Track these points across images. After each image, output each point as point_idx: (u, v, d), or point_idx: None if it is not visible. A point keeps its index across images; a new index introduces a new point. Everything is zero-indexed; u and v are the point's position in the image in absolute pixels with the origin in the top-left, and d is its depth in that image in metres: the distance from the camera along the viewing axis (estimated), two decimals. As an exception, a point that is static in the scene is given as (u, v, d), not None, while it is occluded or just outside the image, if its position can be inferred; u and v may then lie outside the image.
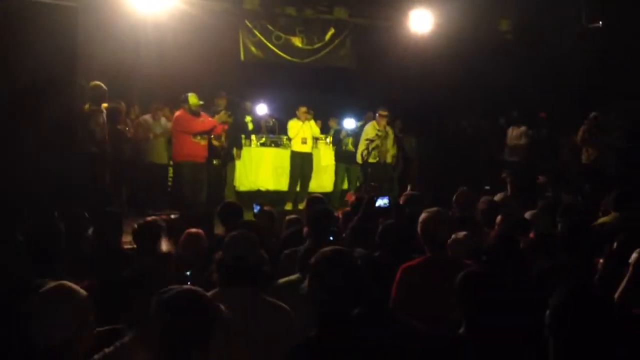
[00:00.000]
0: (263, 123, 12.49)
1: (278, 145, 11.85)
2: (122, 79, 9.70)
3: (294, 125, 10.64)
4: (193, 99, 8.70)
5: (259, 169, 11.60)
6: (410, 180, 11.26)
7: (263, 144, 11.87)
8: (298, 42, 12.70)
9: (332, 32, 12.89)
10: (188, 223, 5.42)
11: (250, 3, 11.90)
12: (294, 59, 12.66)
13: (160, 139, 9.82)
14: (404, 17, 11.73)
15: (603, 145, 10.17)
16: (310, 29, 12.75)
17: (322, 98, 11.91)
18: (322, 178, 11.81)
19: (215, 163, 9.58)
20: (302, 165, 10.72)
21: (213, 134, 9.13)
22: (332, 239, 4.31)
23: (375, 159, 10.33)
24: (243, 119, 11.12)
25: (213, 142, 9.28)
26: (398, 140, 11.17)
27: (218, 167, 9.74)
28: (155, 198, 9.37)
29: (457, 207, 6.26)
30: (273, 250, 4.56)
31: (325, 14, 12.64)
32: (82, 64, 6.98)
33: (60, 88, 6.43)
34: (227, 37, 12.09)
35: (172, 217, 6.92)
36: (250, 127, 11.64)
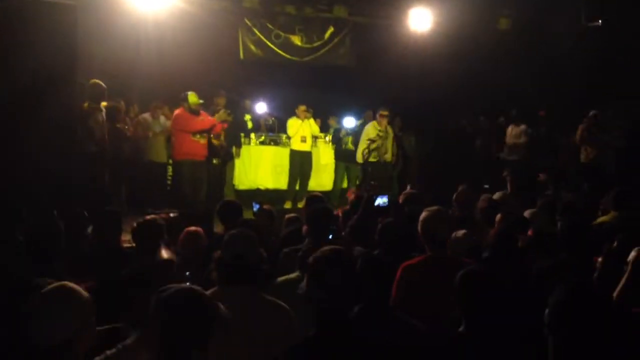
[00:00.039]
0: (262, 121, 12.47)
1: (277, 144, 11.83)
2: (121, 78, 9.69)
3: (294, 124, 10.63)
4: (192, 98, 8.70)
5: (258, 168, 11.58)
6: (410, 179, 11.25)
7: (262, 143, 11.85)
8: (297, 40, 12.69)
9: (331, 30, 12.88)
10: (187, 222, 5.43)
11: (250, 1, 11.88)
12: (294, 58, 12.66)
13: (160, 138, 9.83)
14: (404, 15, 11.72)
15: (602, 144, 10.17)
16: (310, 28, 12.74)
17: (321, 96, 11.89)
18: (321, 177, 11.81)
19: (215, 162, 9.58)
20: (301, 164, 10.71)
21: (212, 133, 9.12)
22: (331, 238, 4.32)
23: (376, 159, 10.33)
24: (242, 118, 11.11)
25: (213, 141, 9.28)
26: (397, 139, 11.16)
27: (218, 166, 9.74)
28: (155, 197, 9.37)
29: (457, 205, 6.26)
30: (272, 249, 4.56)
31: (325, 13, 12.62)
32: (81, 63, 6.97)
33: (60, 87, 6.42)
34: (226, 35, 12.08)
35: (171, 215, 6.93)
36: (250, 125, 11.62)
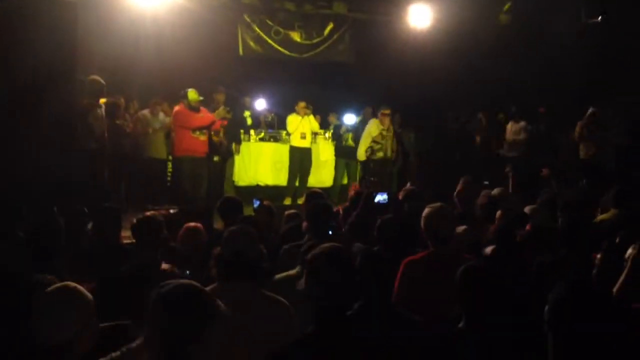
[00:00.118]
0: (262, 118, 12.44)
1: (277, 140, 11.82)
2: (121, 74, 9.69)
3: (293, 120, 10.62)
4: (192, 95, 8.70)
5: (258, 164, 11.58)
6: (410, 176, 11.25)
7: (262, 139, 11.83)
8: (297, 36, 12.68)
9: (331, 26, 12.86)
10: (187, 218, 5.43)
11: (249, -3, 11.90)
12: (293, 54, 12.65)
13: (159, 134, 9.81)
14: (403, 12, 11.69)
15: (601, 142, 10.16)
16: (309, 24, 12.73)
17: (321, 93, 11.88)
18: (321, 173, 11.80)
19: (216, 160, 9.58)
20: (301, 160, 10.70)
21: (212, 130, 9.12)
22: (331, 234, 4.32)
23: (378, 156, 10.34)
24: (242, 114, 11.10)
25: (213, 138, 9.28)
26: (397, 136, 11.16)
27: (218, 162, 9.74)
28: (154, 193, 9.37)
29: (458, 201, 6.26)
30: (272, 245, 4.56)
31: (324, 9, 12.60)
32: (81, 59, 6.97)
33: (60, 84, 6.42)
34: (225, 31, 12.07)
35: (171, 212, 6.93)
36: (249, 122, 11.59)
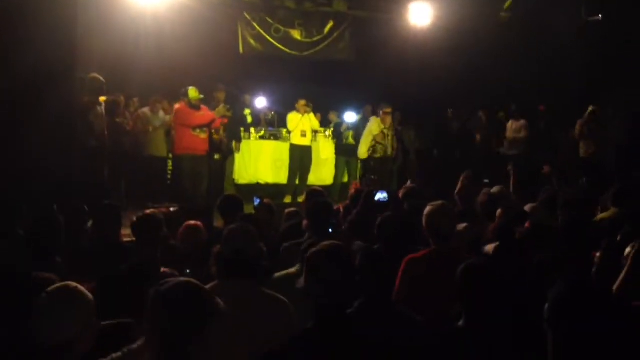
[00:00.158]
0: (262, 116, 12.43)
1: (277, 138, 11.82)
2: (121, 72, 9.68)
3: (293, 118, 10.62)
4: (193, 93, 8.70)
5: (258, 162, 11.57)
6: (410, 174, 11.25)
7: (262, 137, 11.83)
8: (297, 34, 12.66)
9: (331, 24, 12.84)
10: (187, 216, 5.42)
11: (249, -5, 11.89)
12: (293, 52, 12.63)
13: (159, 132, 9.81)
14: (404, 9, 11.69)
15: (602, 140, 10.15)
16: (310, 22, 12.71)
17: (321, 91, 11.85)
18: (321, 171, 11.80)
19: (217, 158, 9.58)
20: (301, 158, 10.70)
21: (212, 128, 9.12)
22: (331, 232, 4.31)
23: (379, 155, 10.34)
24: (242, 112, 11.09)
25: (213, 136, 9.28)
26: (397, 134, 11.16)
27: (219, 161, 9.74)
28: (154, 191, 9.36)
29: (459, 199, 6.26)
30: (272, 244, 4.55)
31: (325, 7, 12.59)
32: (81, 57, 6.97)
33: (60, 83, 6.41)
34: (225, 29, 12.05)
35: (171, 210, 6.93)
36: (250, 120, 11.58)
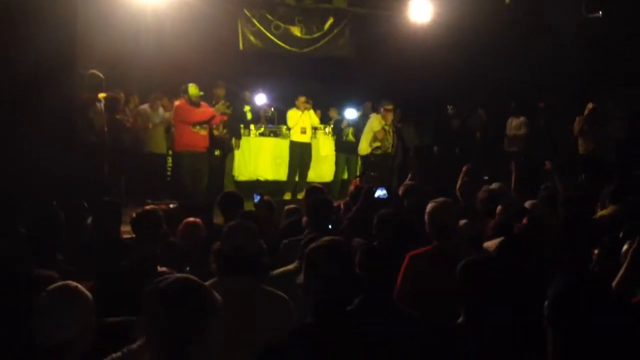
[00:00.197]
0: (262, 113, 12.44)
1: (277, 135, 11.82)
2: (120, 68, 9.67)
3: (293, 115, 10.62)
4: (193, 90, 8.70)
5: (258, 159, 11.57)
6: (410, 170, 11.23)
7: (262, 134, 11.84)
8: (297, 31, 12.62)
9: (331, 21, 12.81)
10: (187, 213, 5.43)
11: (249, -8, 11.87)
12: (293, 49, 12.60)
13: (159, 129, 9.82)
14: (404, 6, 11.66)
15: (601, 136, 10.15)
16: (310, 19, 12.67)
17: (321, 88, 11.85)
18: (321, 168, 11.80)
19: (217, 154, 9.58)
20: (301, 155, 10.70)
21: (212, 124, 9.12)
22: (331, 229, 4.31)
23: (380, 151, 10.33)
24: (242, 109, 11.09)
25: (214, 132, 9.29)
26: (397, 130, 11.15)
27: (219, 157, 9.74)
28: (154, 188, 9.37)
29: (460, 195, 6.25)
30: (272, 240, 4.56)
31: (325, 3, 12.57)
32: (81, 54, 6.95)
33: (61, 79, 6.40)
34: (225, 26, 12.02)
35: (171, 206, 6.93)
36: (249, 117, 11.58)
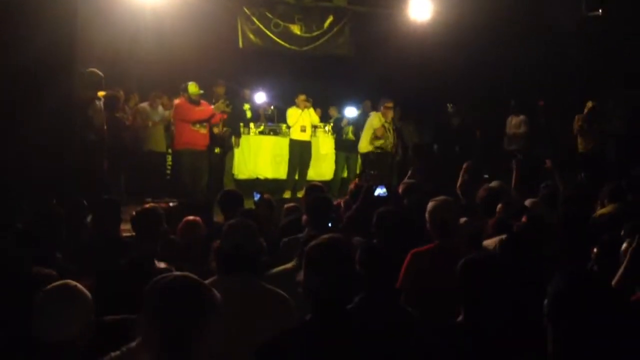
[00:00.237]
0: (262, 111, 12.44)
1: (277, 134, 11.81)
2: (120, 67, 9.68)
3: (293, 113, 10.61)
4: (193, 88, 8.71)
5: (258, 157, 11.57)
6: (411, 168, 11.22)
7: (262, 132, 11.83)
8: (297, 29, 12.62)
9: (330, 19, 12.80)
10: (187, 211, 5.42)
11: (249, -10, 11.86)
12: (293, 47, 12.59)
13: (159, 127, 9.81)
14: (404, 4, 11.65)
15: (600, 135, 10.15)
16: (309, 17, 12.66)
17: (320, 86, 11.85)
18: (321, 166, 11.80)
19: (217, 151, 9.59)
20: (301, 154, 10.69)
21: (212, 122, 9.12)
22: (330, 227, 4.31)
23: (380, 150, 10.33)
24: (241, 107, 11.09)
25: (214, 129, 9.29)
26: (397, 129, 11.14)
27: (219, 155, 9.75)
28: (154, 186, 9.37)
29: (461, 193, 6.25)
30: (272, 239, 4.56)
31: (324, 2, 12.56)
32: (80, 52, 6.95)
33: (60, 78, 6.40)
34: (225, 24, 12.01)
35: (170, 205, 6.94)
36: (249, 115, 11.58)
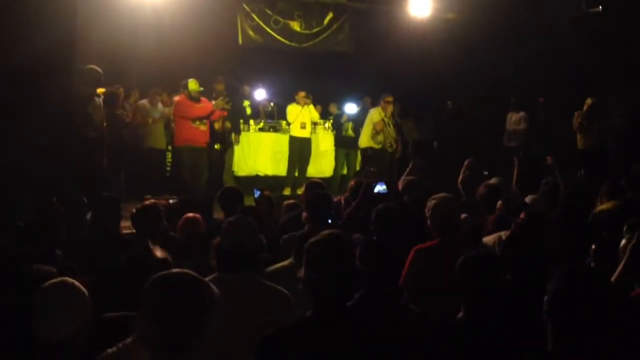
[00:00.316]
0: (261, 108, 12.42)
1: (277, 130, 11.80)
2: (119, 63, 9.66)
3: (293, 110, 10.60)
4: (193, 85, 8.70)
5: (258, 154, 11.56)
6: (412, 163, 11.22)
7: (261, 129, 11.82)
8: (296, 26, 12.58)
9: (330, 16, 12.77)
10: (187, 208, 5.42)
11: (248, -14, 11.83)
12: (293, 44, 12.55)
13: (158, 124, 9.81)
14: (404, 1, 11.63)
15: (600, 132, 10.14)
16: (309, 13, 12.63)
17: (320, 83, 11.84)
18: (320, 163, 11.79)
19: (217, 148, 9.59)
20: (300, 150, 10.68)
21: (212, 119, 9.12)
22: (330, 223, 4.31)
23: (379, 145, 10.32)
24: (241, 104, 11.08)
25: (215, 125, 9.29)
26: (397, 125, 11.14)
27: (219, 151, 9.74)
28: (154, 183, 9.38)
29: (462, 189, 6.25)
30: (272, 236, 4.56)
31: (324, -2, 12.56)
32: (80, 49, 6.95)
33: (60, 75, 6.40)
34: (224, 21, 11.99)
35: (170, 202, 6.94)
36: (249, 112, 11.56)
